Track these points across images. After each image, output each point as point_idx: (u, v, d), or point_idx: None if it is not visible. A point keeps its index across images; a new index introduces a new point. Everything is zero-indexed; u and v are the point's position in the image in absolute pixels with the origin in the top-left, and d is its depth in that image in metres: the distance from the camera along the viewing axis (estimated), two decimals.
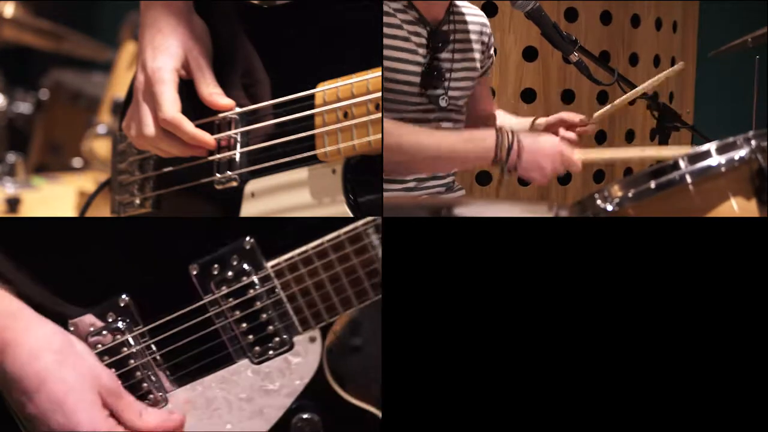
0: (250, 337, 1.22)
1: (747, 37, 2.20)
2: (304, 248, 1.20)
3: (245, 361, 1.23)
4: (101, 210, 1.58)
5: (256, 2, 1.34)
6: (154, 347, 1.23)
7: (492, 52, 1.94)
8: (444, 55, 1.76)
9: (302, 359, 1.23)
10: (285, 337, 1.22)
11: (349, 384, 1.24)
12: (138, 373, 1.23)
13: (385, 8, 1.68)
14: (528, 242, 1.30)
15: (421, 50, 1.73)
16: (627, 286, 1.30)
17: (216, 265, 1.21)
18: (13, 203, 2.82)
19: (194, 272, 1.22)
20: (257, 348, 1.23)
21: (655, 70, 2.74)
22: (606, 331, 1.30)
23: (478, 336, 1.30)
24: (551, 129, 1.85)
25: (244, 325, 1.22)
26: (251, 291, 1.21)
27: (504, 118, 2.01)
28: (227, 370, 1.24)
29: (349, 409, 1.24)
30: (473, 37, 1.84)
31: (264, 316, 1.22)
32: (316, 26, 1.29)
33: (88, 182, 2.99)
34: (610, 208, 1.36)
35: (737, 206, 1.35)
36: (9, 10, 3.22)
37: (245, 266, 1.21)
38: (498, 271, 1.30)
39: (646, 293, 1.29)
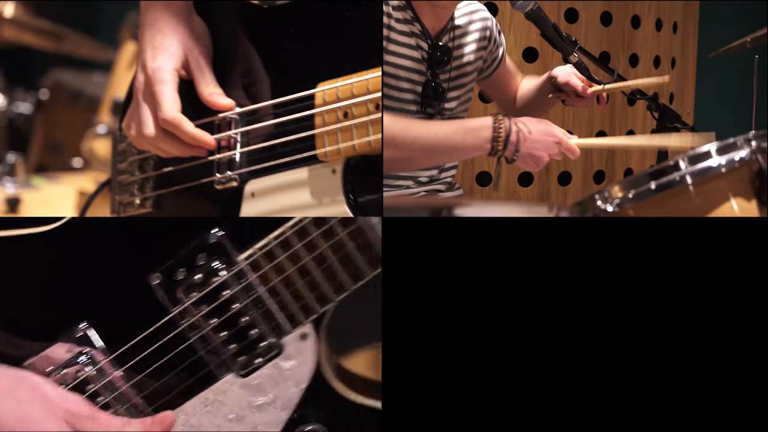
0: (232, 346, 1.08)
1: (746, 38, 2.20)
2: (281, 230, 1.05)
3: (230, 376, 1.09)
4: (101, 210, 1.58)
5: (256, 2, 1.34)
6: (123, 378, 1.09)
7: (501, 39, 1.93)
8: (443, 75, 1.76)
9: (295, 362, 1.08)
10: (272, 339, 1.07)
11: (356, 381, 1.11)
12: (110, 410, 1.09)
13: (394, 16, 1.68)
14: (528, 242, 1.30)
15: (422, 66, 1.73)
16: (627, 287, 1.29)
17: (181, 269, 1.07)
18: (13, 203, 2.82)
19: (156, 281, 1.07)
20: (242, 358, 1.08)
21: (655, 71, 2.74)
22: (606, 331, 1.30)
23: (478, 336, 1.30)
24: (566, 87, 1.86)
25: (224, 333, 1.07)
26: (225, 292, 1.06)
27: (527, 83, 2.03)
28: (211, 389, 1.09)
29: (358, 410, 1.09)
30: (474, 37, 1.84)
31: (244, 319, 1.07)
32: (316, 26, 1.29)
33: (88, 182, 2.99)
34: (610, 208, 1.36)
35: (737, 207, 1.35)
36: (9, 10, 3.22)
37: (214, 264, 1.06)
38: (498, 271, 1.30)
39: (646, 293, 1.29)
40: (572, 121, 2.62)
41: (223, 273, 1.06)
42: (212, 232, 1.05)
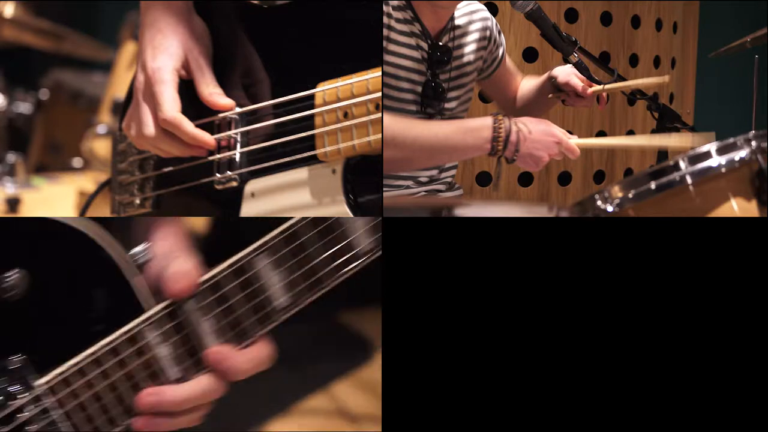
0: None
1: (746, 38, 2.20)
2: (78, 358, 1.10)
3: None
4: (101, 210, 1.58)
5: (256, 2, 1.34)
6: None
7: (501, 39, 1.93)
8: (443, 75, 1.76)
9: None
10: None
11: None
12: None
13: (394, 16, 1.68)
14: (528, 242, 1.30)
15: (422, 66, 1.73)
16: (627, 287, 1.29)
17: None
18: (13, 203, 2.81)
19: None
20: None
21: (655, 71, 2.74)
22: (606, 331, 1.30)
23: (478, 336, 1.30)
24: (567, 87, 1.86)
25: None
26: (20, 416, 1.09)
27: (527, 83, 2.03)
28: None
29: None
30: (474, 37, 1.84)
31: None
32: (316, 26, 1.29)
33: (88, 182, 2.98)
34: (610, 208, 1.36)
35: (737, 207, 1.35)
36: (9, 10, 3.21)
37: (12, 388, 1.09)
38: (498, 271, 1.30)
39: (646, 294, 1.29)
40: (572, 121, 2.62)
41: (20, 397, 1.10)
42: (11, 358, 1.09)
